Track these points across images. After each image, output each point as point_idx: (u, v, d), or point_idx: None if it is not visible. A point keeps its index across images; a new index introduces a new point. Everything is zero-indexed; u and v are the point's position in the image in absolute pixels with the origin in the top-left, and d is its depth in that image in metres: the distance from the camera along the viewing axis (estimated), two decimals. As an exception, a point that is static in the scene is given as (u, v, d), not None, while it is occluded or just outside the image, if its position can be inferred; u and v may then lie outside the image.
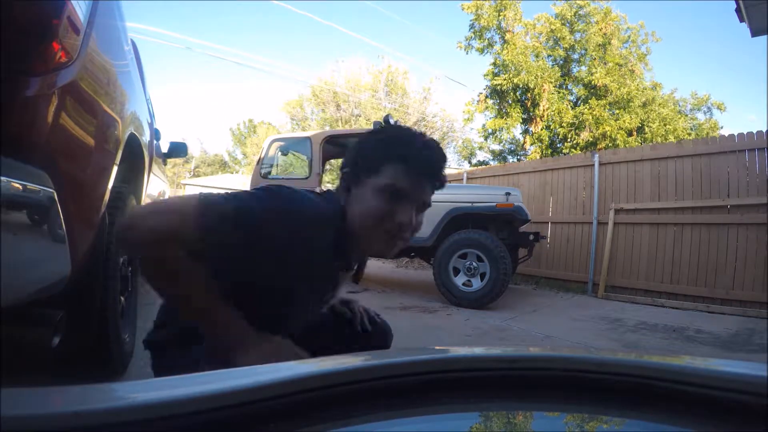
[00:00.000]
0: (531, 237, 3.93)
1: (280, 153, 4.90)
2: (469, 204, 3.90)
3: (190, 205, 0.64)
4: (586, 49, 12.83)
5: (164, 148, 3.56)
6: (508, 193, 3.85)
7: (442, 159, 0.78)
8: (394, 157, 0.74)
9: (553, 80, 12.42)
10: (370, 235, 0.76)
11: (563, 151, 12.18)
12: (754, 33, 3.90)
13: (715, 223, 4.02)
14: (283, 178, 4.71)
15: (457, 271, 3.73)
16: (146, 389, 0.34)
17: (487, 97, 13.49)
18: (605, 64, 12.33)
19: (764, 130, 3.88)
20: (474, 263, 3.66)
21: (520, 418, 0.42)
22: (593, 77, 11.99)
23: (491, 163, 14.46)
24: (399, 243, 0.77)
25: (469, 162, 15.83)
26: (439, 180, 0.78)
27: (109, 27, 1.25)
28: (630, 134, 11.65)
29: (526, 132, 13.76)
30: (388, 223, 0.74)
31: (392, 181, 0.73)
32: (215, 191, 0.70)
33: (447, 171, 0.82)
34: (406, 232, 0.76)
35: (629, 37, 12.97)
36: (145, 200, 2.20)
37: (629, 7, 24.51)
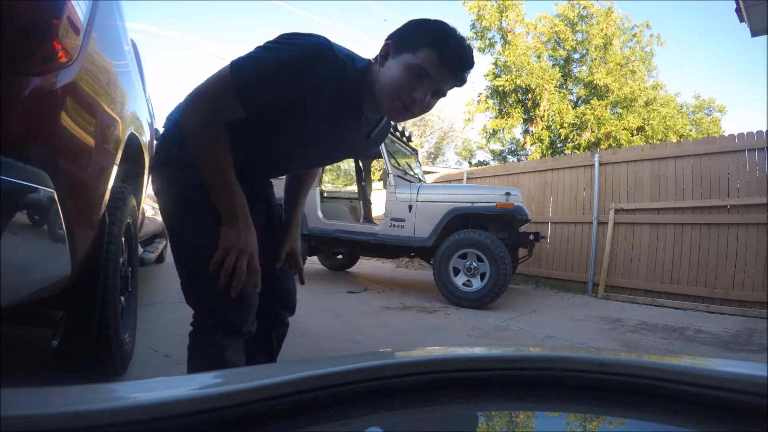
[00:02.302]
0: (531, 237, 3.93)
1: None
2: (469, 204, 3.90)
3: (227, 80, 0.82)
4: (587, 50, 12.82)
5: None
6: (508, 193, 3.84)
7: (470, 63, 0.90)
8: (432, 44, 0.85)
9: (554, 81, 12.41)
10: (386, 99, 0.88)
11: (564, 151, 12.19)
12: (754, 33, 3.91)
13: (715, 223, 4.02)
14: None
15: (457, 271, 3.73)
16: (146, 389, 0.34)
17: (487, 97, 13.48)
18: (606, 63, 12.33)
19: (764, 130, 3.89)
20: (474, 263, 3.66)
21: (520, 418, 0.42)
22: (594, 77, 11.98)
23: (491, 163, 14.48)
24: (406, 114, 0.90)
25: (469, 162, 15.83)
26: (460, 79, 0.91)
27: (109, 27, 1.25)
28: (633, 134, 11.65)
29: (526, 132, 13.76)
30: (405, 95, 0.87)
31: (422, 63, 0.85)
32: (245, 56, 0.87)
33: (448, 170, 0.88)
34: (415, 107, 0.88)
35: (633, 36, 12.93)
36: (145, 200, 2.20)
37: (631, 8, 24.51)
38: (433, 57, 0.85)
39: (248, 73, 0.83)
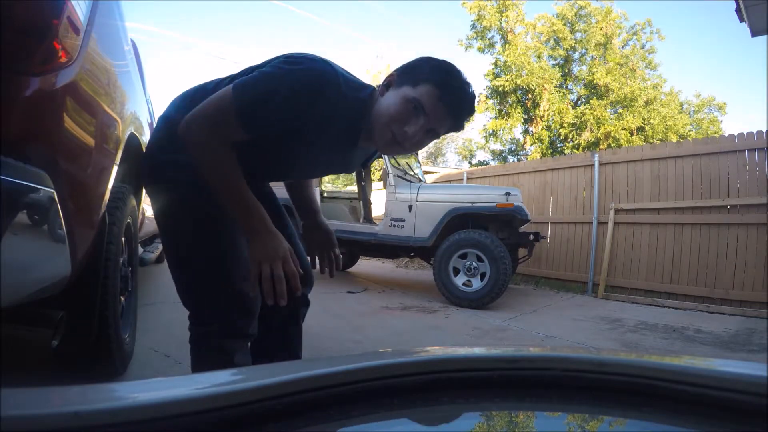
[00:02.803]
0: (531, 237, 3.93)
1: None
2: (469, 204, 3.90)
3: (229, 106, 0.81)
4: (586, 49, 12.82)
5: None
6: (508, 193, 3.84)
7: (469, 109, 0.89)
8: (434, 81, 0.84)
9: (554, 81, 12.41)
10: (378, 128, 0.88)
11: (564, 151, 12.19)
12: (754, 33, 3.91)
13: (715, 223, 4.02)
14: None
15: (457, 271, 3.73)
16: (146, 389, 0.34)
17: (487, 97, 13.48)
18: (606, 63, 12.33)
19: (764, 130, 3.89)
20: (474, 263, 3.66)
21: (520, 418, 0.42)
22: (594, 76, 11.98)
23: (491, 162, 14.49)
24: (396, 147, 0.89)
25: (469, 162, 15.84)
26: (457, 122, 0.90)
27: (109, 27, 1.25)
28: (632, 134, 11.66)
29: (526, 132, 13.76)
30: (397, 127, 0.86)
31: (420, 97, 0.84)
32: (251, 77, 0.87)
33: (448, 170, 0.87)
34: (406, 142, 0.87)
35: (634, 34, 12.92)
36: (144, 200, 2.20)
37: (632, 7, 24.50)
38: (432, 93, 0.84)
39: (250, 96, 0.82)
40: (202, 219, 0.92)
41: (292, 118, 0.84)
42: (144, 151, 1.01)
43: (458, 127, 0.91)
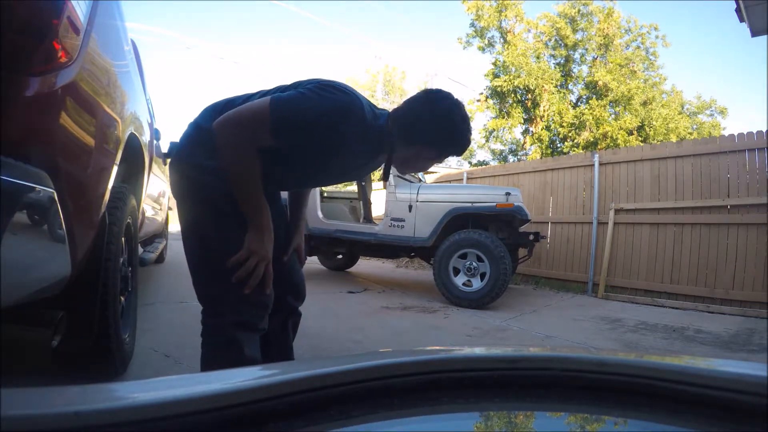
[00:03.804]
0: (531, 237, 3.93)
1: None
2: (469, 204, 3.90)
3: (265, 115, 0.93)
4: (587, 48, 12.81)
5: (164, 148, 3.56)
6: (508, 193, 3.84)
7: (468, 143, 1.10)
8: (445, 141, 1.06)
9: (553, 81, 12.40)
10: (399, 163, 1.11)
11: (564, 150, 12.19)
12: (754, 33, 3.91)
13: (715, 223, 4.02)
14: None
15: (457, 271, 3.73)
16: (146, 389, 0.34)
17: (487, 97, 13.48)
18: (606, 63, 12.32)
19: (764, 130, 3.88)
20: (474, 263, 3.66)
21: (520, 418, 0.42)
22: (594, 76, 11.97)
23: (491, 162, 14.49)
24: (411, 171, 1.17)
25: (469, 162, 15.84)
26: (461, 154, 1.13)
27: (109, 27, 1.25)
28: (630, 133, 11.64)
29: (526, 132, 13.76)
30: (415, 168, 1.13)
31: (437, 154, 1.08)
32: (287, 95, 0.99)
33: (448, 169, 0.99)
34: (419, 171, 1.15)
35: (639, 36, 12.86)
36: (145, 200, 2.20)
37: (631, 7, 24.50)
38: (444, 149, 1.07)
39: (285, 111, 0.94)
40: (223, 217, 1.00)
41: (316, 135, 0.97)
42: (174, 154, 1.10)
43: (460, 155, 1.15)
